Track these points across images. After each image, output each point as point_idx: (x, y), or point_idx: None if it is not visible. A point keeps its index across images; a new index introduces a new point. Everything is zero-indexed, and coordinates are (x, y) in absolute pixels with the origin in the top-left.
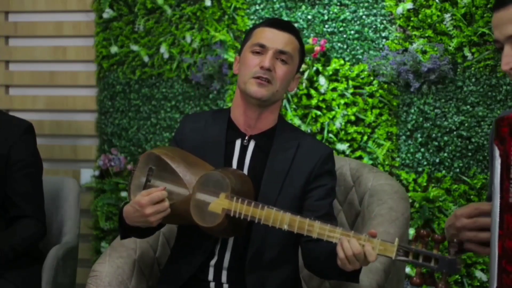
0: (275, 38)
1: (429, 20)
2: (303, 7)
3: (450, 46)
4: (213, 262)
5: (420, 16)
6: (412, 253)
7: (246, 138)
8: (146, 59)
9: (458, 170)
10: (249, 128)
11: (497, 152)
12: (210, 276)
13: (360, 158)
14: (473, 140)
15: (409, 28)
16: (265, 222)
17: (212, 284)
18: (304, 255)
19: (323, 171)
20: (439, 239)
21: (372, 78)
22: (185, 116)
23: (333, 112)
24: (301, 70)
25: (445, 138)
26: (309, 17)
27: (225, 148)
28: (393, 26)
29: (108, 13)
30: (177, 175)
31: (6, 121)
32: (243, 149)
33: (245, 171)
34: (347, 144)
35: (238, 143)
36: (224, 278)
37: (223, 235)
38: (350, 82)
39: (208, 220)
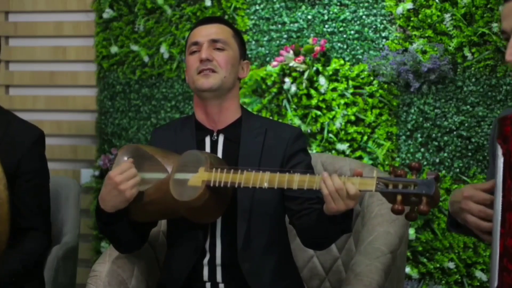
0: (205, 32)
1: (429, 20)
2: (303, 7)
3: (450, 46)
4: (206, 260)
5: (420, 16)
6: (392, 183)
7: (215, 133)
8: (146, 59)
9: (458, 170)
10: (214, 124)
11: (499, 151)
12: (205, 276)
13: (360, 158)
14: (473, 140)
15: (409, 28)
16: (246, 184)
17: (208, 285)
18: (300, 230)
19: (295, 150)
20: (416, 166)
21: (372, 78)
22: (155, 129)
23: (333, 112)
24: (300, 70)
25: (445, 138)
26: (309, 17)
27: (196, 147)
28: (393, 26)
29: (108, 13)
30: (155, 160)
31: (17, 129)
32: (214, 144)
33: None
34: (347, 144)
35: (207, 139)
36: (219, 276)
37: (207, 213)
38: (350, 82)
39: (188, 195)
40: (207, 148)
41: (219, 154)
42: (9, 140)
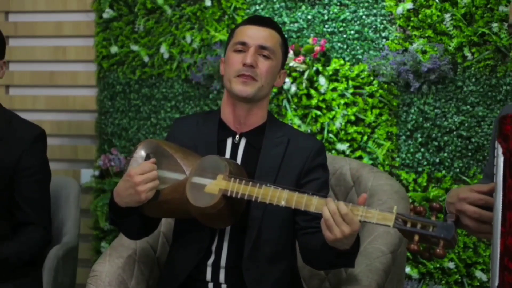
0: (255, 35)
1: (429, 20)
2: (303, 7)
3: (450, 46)
4: (210, 261)
5: (420, 16)
6: (410, 221)
7: (237, 136)
8: (146, 59)
9: (458, 170)
10: (239, 126)
11: (500, 150)
12: (208, 276)
13: (360, 158)
14: (473, 140)
15: (409, 28)
16: (263, 200)
17: (210, 285)
18: (302, 248)
19: (314, 165)
20: (436, 207)
21: (372, 78)
22: (176, 119)
23: (333, 112)
24: (300, 70)
25: (445, 138)
26: (309, 17)
27: (216, 147)
28: (393, 26)
29: (108, 13)
30: (174, 160)
31: (18, 127)
32: (235, 146)
33: None
34: (347, 144)
35: (229, 141)
36: (222, 277)
37: (220, 220)
38: (350, 82)
39: (204, 201)
40: (228, 150)
41: (239, 158)
42: (11, 137)
